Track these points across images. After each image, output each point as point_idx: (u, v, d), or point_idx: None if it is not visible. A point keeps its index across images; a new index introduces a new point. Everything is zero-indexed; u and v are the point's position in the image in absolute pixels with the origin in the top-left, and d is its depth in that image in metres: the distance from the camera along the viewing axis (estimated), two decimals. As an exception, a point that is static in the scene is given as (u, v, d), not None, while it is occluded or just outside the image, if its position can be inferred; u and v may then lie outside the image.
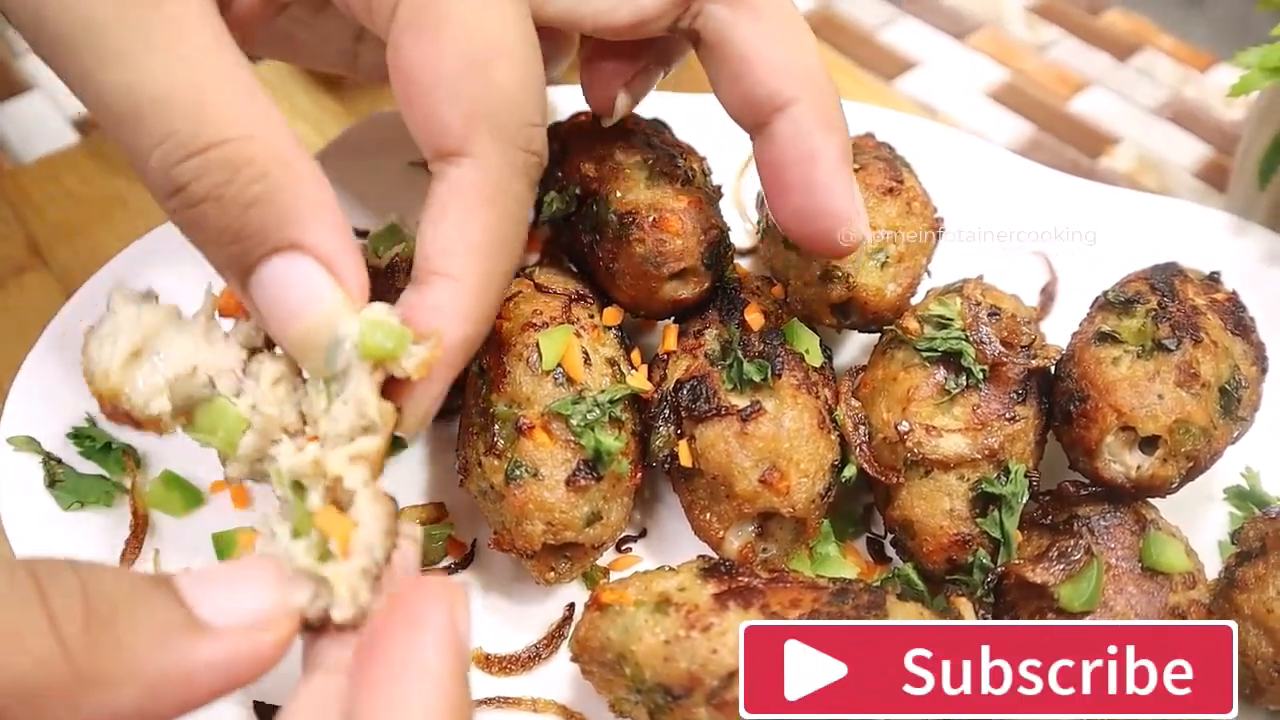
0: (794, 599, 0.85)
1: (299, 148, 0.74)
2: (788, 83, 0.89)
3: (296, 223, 0.72)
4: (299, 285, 0.73)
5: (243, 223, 0.72)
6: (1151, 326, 0.96)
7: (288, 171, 0.72)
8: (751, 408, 0.95)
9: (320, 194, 0.74)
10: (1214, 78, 1.77)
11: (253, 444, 0.78)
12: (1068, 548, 0.90)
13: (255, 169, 0.71)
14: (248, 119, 0.72)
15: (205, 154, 0.70)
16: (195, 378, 0.78)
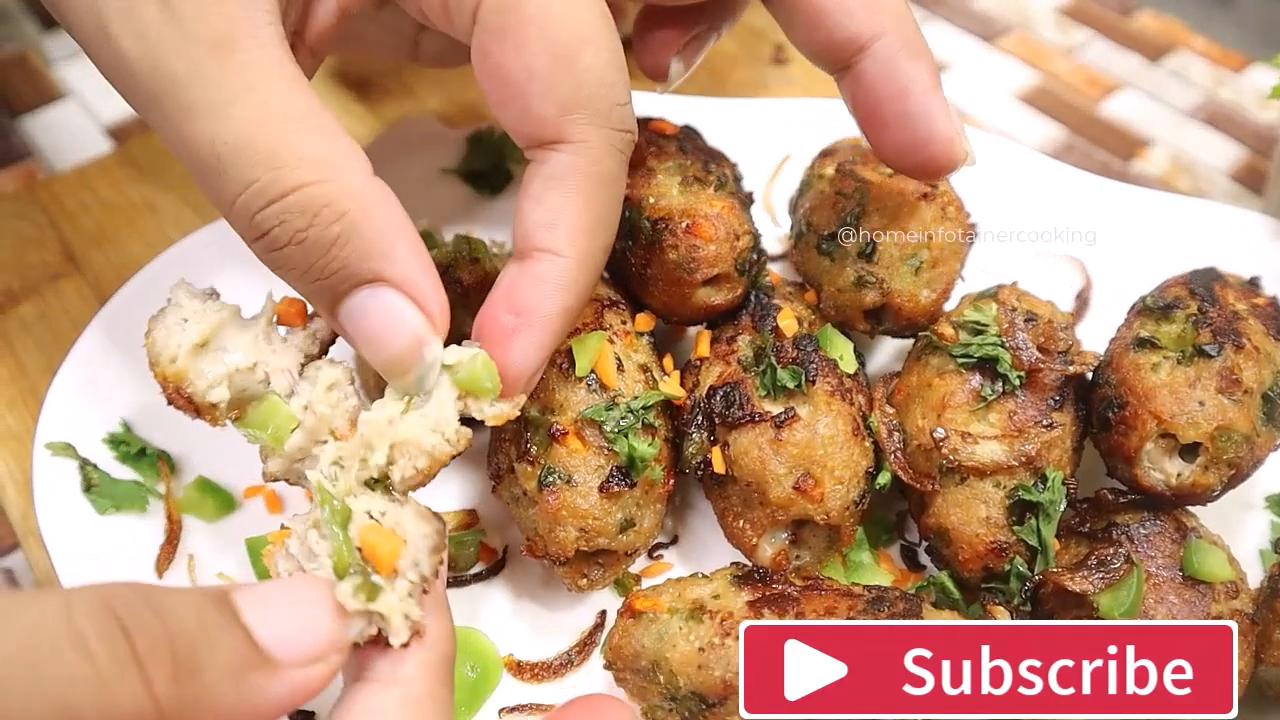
0: (829, 607, 0.85)
1: (374, 182, 0.78)
2: (866, 20, 0.89)
3: (378, 257, 0.76)
4: (384, 315, 0.78)
5: (326, 261, 0.76)
6: (1192, 332, 0.94)
7: (365, 209, 0.76)
8: (785, 414, 0.94)
9: (398, 226, 0.77)
10: (1248, 78, 1.74)
11: (298, 443, 0.82)
12: (1107, 556, 0.89)
13: (333, 210, 0.74)
14: (323, 162, 0.75)
15: (284, 200, 0.74)
16: (254, 374, 0.83)
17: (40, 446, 1.03)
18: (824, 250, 1.04)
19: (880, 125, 0.92)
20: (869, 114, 0.92)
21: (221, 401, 0.82)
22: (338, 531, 0.74)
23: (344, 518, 0.75)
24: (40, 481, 1.02)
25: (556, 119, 0.80)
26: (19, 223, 1.39)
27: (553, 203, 0.82)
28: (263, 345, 0.84)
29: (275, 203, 0.74)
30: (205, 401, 0.82)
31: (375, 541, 0.73)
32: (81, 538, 1.00)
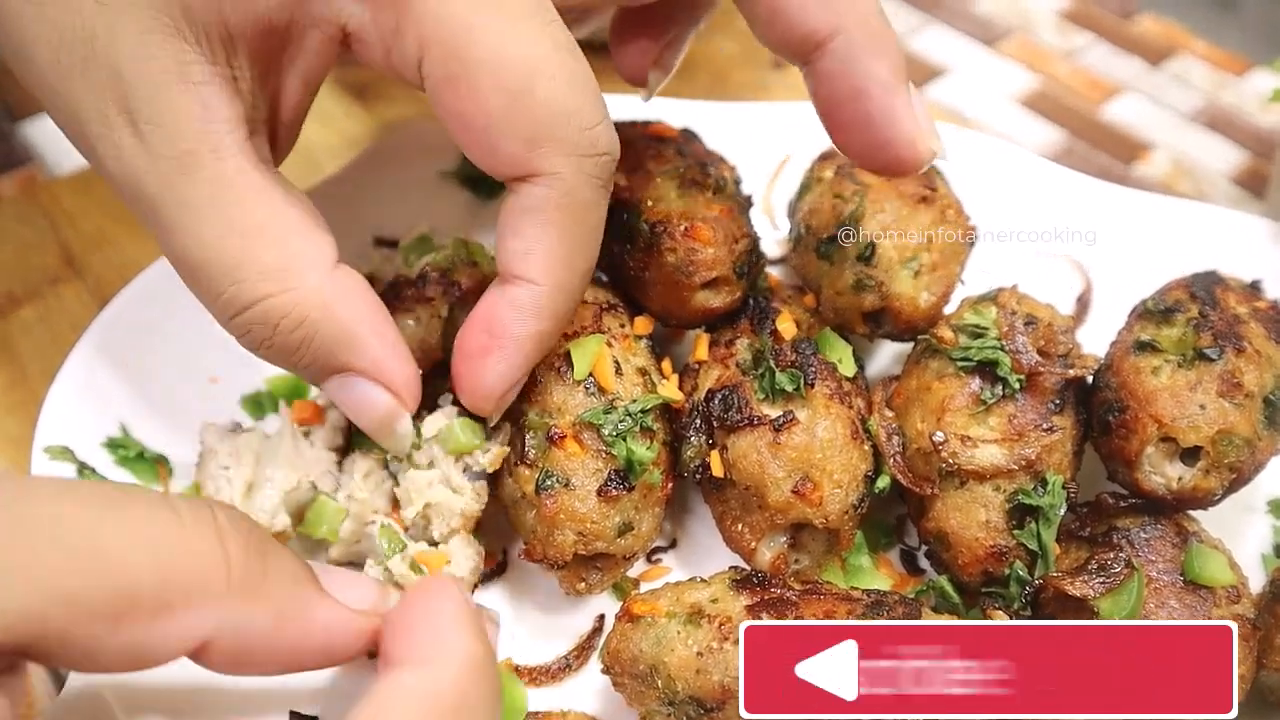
0: (828, 611, 0.84)
1: (336, 276, 0.84)
2: (823, 16, 0.87)
3: (343, 351, 0.85)
4: (356, 399, 0.88)
5: (296, 360, 0.85)
6: (1193, 335, 0.94)
7: (326, 310, 0.83)
8: (784, 418, 0.94)
9: (360, 317, 0.85)
10: (1250, 82, 1.74)
11: (350, 529, 0.95)
12: (1108, 560, 0.88)
13: (292, 320, 0.82)
14: (282, 273, 0.82)
15: (248, 312, 0.81)
16: (300, 488, 0.95)
17: (39, 450, 1.03)
18: (823, 253, 1.03)
19: (841, 125, 0.91)
20: (829, 113, 0.91)
21: (285, 527, 0.94)
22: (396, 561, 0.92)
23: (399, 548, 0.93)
24: (38, 485, 1.01)
25: (524, 155, 0.80)
26: (20, 227, 1.40)
27: (529, 233, 0.84)
28: (296, 457, 0.96)
29: (241, 314, 0.82)
30: (274, 532, 0.93)
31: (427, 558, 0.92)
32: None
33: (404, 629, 0.73)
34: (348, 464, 0.98)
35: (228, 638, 0.68)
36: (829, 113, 0.91)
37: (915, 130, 0.89)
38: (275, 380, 1.14)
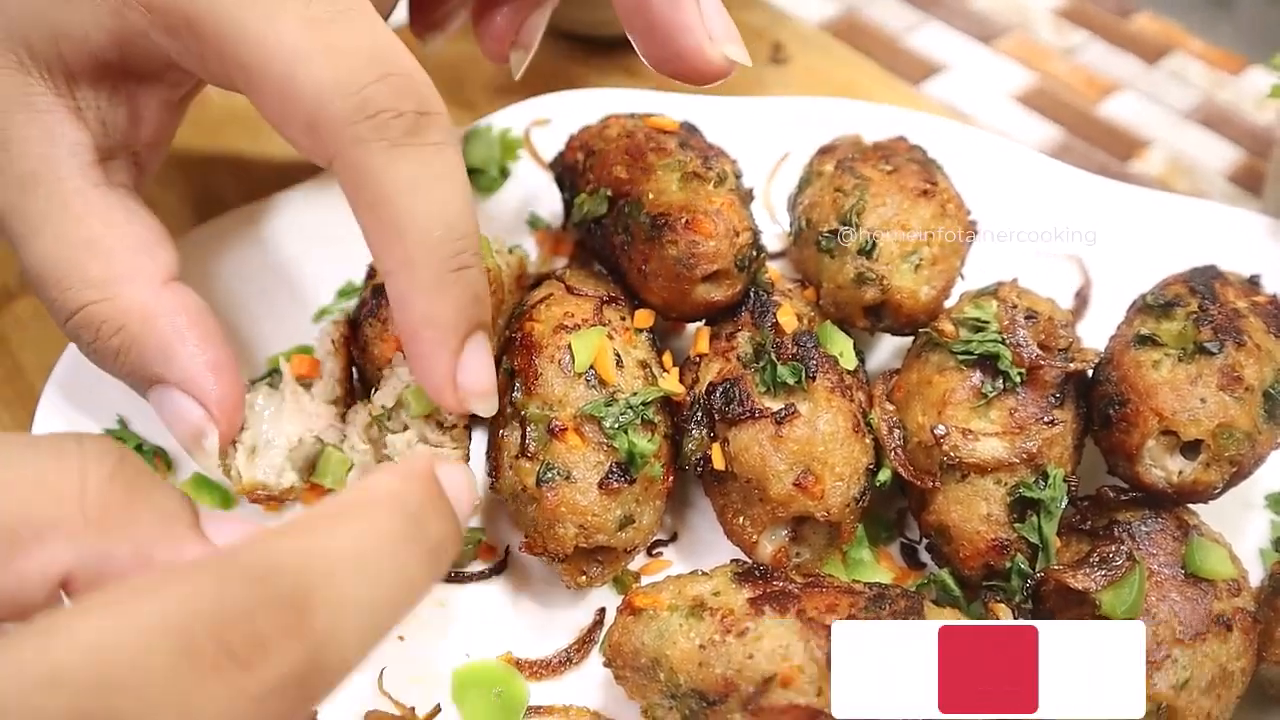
0: (830, 603, 0.84)
1: (165, 291, 0.88)
2: None
3: (159, 362, 0.87)
4: (169, 410, 0.89)
5: (116, 367, 0.89)
6: (1193, 329, 0.94)
7: (145, 320, 0.87)
8: (786, 410, 0.94)
9: (179, 331, 0.87)
10: (1246, 80, 1.74)
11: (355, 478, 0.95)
12: (1109, 553, 0.88)
13: (110, 326, 0.86)
14: (104, 283, 0.86)
15: (74, 318, 0.87)
16: (304, 443, 0.95)
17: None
18: (823, 247, 1.03)
19: (635, 35, 0.93)
20: (625, 23, 0.93)
21: (294, 482, 0.94)
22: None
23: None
24: (35, 478, 1.00)
25: (312, 145, 0.80)
26: (14, 220, 1.39)
27: (358, 222, 0.82)
28: (298, 413, 0.96)
29: (69, 319, 0.87)
30: (283, 490, 0.94)
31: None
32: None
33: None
34: (350, 416, 0.98)
35: (88, 572, 0.63)
36: (625, 22, 0.93)
37: (698, 41, 0.90)
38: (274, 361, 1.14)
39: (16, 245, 0.88)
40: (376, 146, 0.78)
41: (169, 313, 0.88)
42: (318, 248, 1.22)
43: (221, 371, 0.89)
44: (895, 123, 1.28)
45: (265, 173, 1.43)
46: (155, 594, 0.50)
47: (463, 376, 0.84)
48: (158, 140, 0.97)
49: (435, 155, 0.80)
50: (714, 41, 0.91)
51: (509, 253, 1.10)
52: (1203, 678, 0.84)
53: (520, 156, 1.30)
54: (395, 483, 0.62)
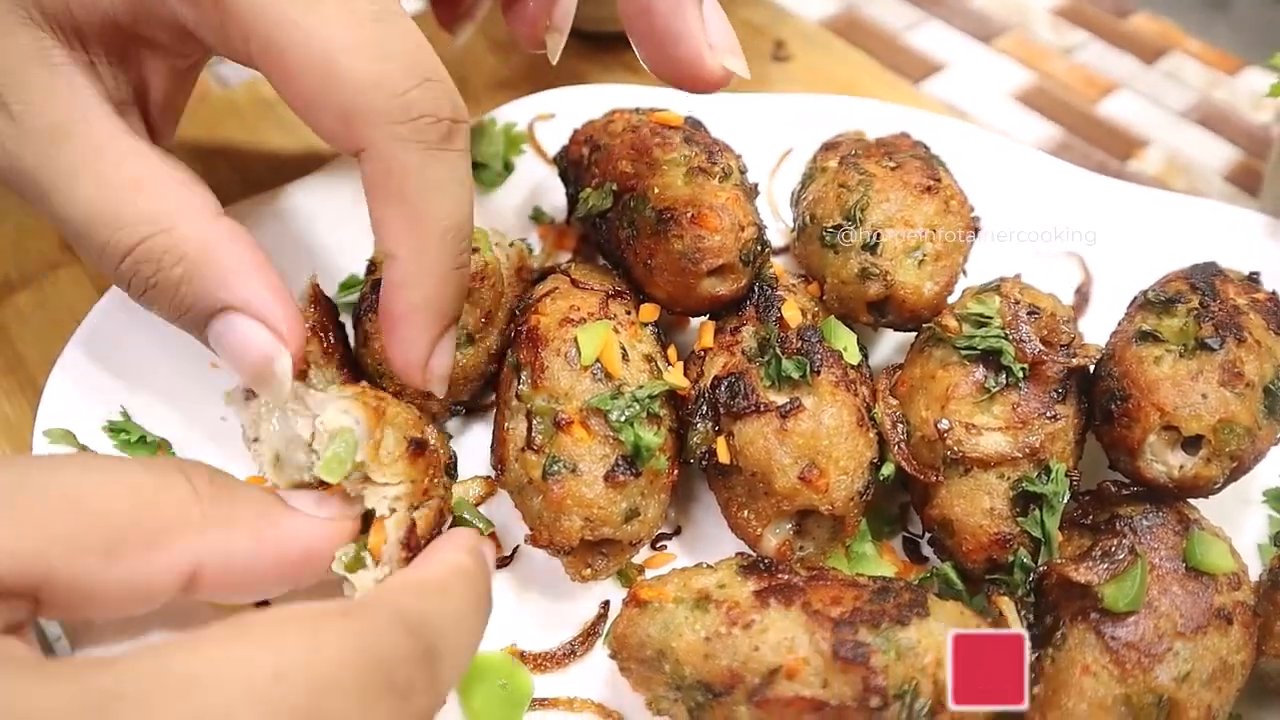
0: (835, 596, 0.85)
1: (218, 223, 0.88)
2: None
3: (222, 288, 0.86)
4: (237, 337, 0.88)
5: (179, 299, 0.87)
6: (1194, 326, 0.95)
7: (205, 249, 0.86)
8: (791, 404, 0.94)
9: (240, 258, 0.87)
10: (1242, 80, 1.75)
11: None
12: (1111, 547, 0.89)
13: (172, 255, 0.86)
14: (160, 215, 0.86)
15: (133, 254, 0.86)
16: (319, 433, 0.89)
17: (40, 433, 1.02)
18: (827, 242, 1.04)
19: (636, 39, 0.94)
20: (628, 26, 0.94)
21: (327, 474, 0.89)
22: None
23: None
24: (39, 469, 1.00)
25: (343, 132, 0.82)
26: (17, 213, 1.38)
27: (373, 207, 0.86)
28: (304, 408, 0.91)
29: (126, 257, 0.86)
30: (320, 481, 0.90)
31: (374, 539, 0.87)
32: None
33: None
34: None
35: (216, 564, 0.76)
36: (627, 26, 0.94)
37: (699, 47, 0.92)
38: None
39: (49, 199, 0.87)
40: (415, 147, 0.82)
41: (225, 243, 0.88)
42: (319, 242, 1.23)
43: (283, 295, 0.89)
44: (897, 120, 1.29)
45: (264, 168, 1.43)
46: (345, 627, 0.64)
47: (434, 360, 0.90)
48: (167, 106, 0.98)
49: (460, 160, 0.86)
50: (714, 51, 0.92)
51: (509, 246, 1.10)
52: (1204, 670, 0.84)
53: (524, 151, 1.31)
54: (469, 561, 0.79)
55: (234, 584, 0.78)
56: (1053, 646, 0.87)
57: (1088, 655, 0.85)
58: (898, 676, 0.80)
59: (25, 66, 0.86)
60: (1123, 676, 0.84)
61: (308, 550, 0.82)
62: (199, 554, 0.75)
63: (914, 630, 0.82)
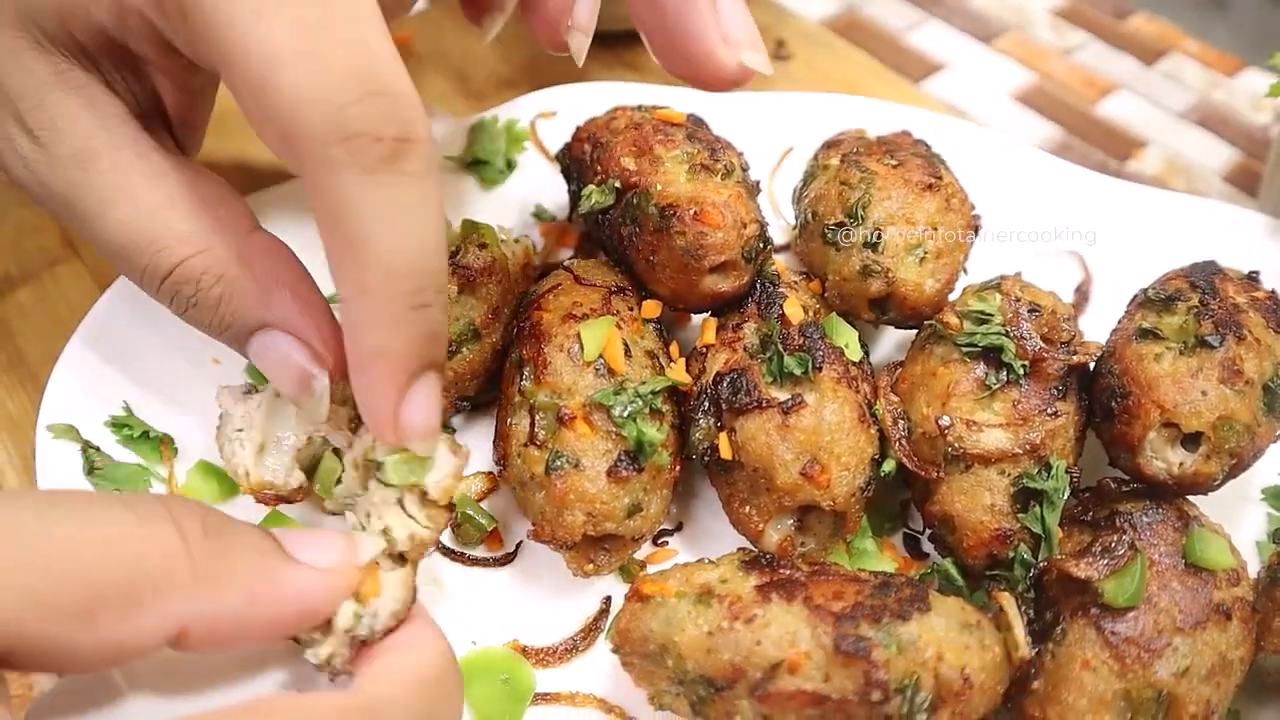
0: (837, 591, 0.85)
1: (254, 238, 0.87)
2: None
3: (259, 306, 0.86)
4: (274, 354, 0.87)
5: (219, 317, 0.87)
6: (1194, 323, 0.95)
7: (241, 268, 0.86)
8: (793, 400, 0.94)
9: (278, 275, 0.86)
10: (1241, 82, 1.76)
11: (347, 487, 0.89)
12: (1111, 543, 0.89)
13: (211, 274, 0.85)
14: (196, 235, 0.86)
15: (172, 276, 0.86)
16: (312, 443, 0.91)
17: (42, 428, 1.02)
18: (829, 240, 1.04)
19: (648, 35, 0.90)
20: (639, 23, 0.90)
21: (301, 483, 0.91)
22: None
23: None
24: (43, 464, 1.01)
25: (285, 152, 0.74)
26: (18, 209, 1.39)
27: (322, 241, 0.76)
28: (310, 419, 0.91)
29: (166, 279, 0.86)
30: (290, 490, 0.91)
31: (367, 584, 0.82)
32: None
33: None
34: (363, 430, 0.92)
35: (203, 622, 0.70)
36: (638, 23, 0.90)
37: (709, 45, 0.87)
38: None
39: (84, 223, 0.86)
40: (350, 171, 0.72)
41: (263, 259, 0.87)
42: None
43: (321, 312, 0.87)
44: (898, 118, 1.29)
45: (268, 167, 1.43)
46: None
47: (406, 414, 0.79)
48: (189, 121, 0.96)
49: (410, 186, 0.74)
50: (729, 45, 0.87)
51: (515, 242, 1.11)
52: (1203, 666, 0.85)
53: (526, 149, 1.31)
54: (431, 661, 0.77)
55: (222, 643, 0.73)
56: (1053, 642, 0.88)
57: (1088, 650, 0.85)
58: (899, 671, 0.80)
59: (44, 91, 0.85)
60: (1122, 671, 0.84)
61: (304, 606, 0.76)
62: (185, 615, 0.69)
63: (915, 625, 0.82)
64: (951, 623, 0.84)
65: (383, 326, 0.76)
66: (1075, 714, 0.84)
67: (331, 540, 0.80)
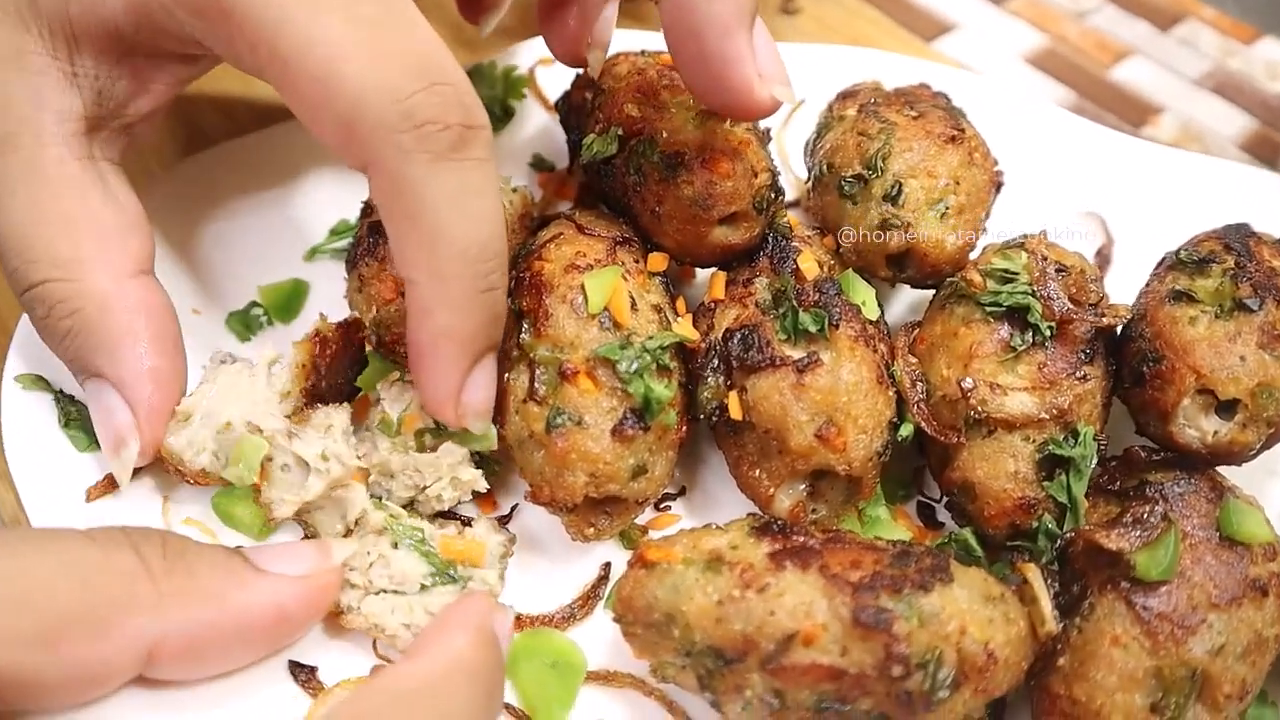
0: (854, 560, 0.80)
1: (129, 285, 0.87)
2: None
3: (103, 355, 0.86)
4: (100, 406, 0.88)
5: (62, 349, 0.88)
6: (1230, 286, 0.91)
7: (102, 310, 0.85)
8: (808, 359, 0.89)
9: (133, 329, 0.86)
10: (1258, 50, 1.71)
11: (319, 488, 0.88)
12: (1143, 514, 0.85)
13: (66, 307, 0.85)
14: (71, 264, 0.85)
15: (31, 291, 0.85)
16: (233, 428, 0.88)
17: (9, 379, 0.96)
18: (846, 193, 0.99)
19: (681, 62, 0.89)
20: (672, 49, 0.89)
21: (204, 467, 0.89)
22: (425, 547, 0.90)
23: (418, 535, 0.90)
24: (9, 417, 0.94)
25: (346, 144, 0.78)
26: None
27: (388, 229, 0.80)
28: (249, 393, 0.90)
29: (26, 291, 0.86)
30: (192, 470, 0.89)
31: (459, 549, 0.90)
32: (56, 477, 0.93)
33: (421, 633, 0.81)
34: (323, 416, 0.92)
35: (175, 640, 0.72)
36: (672, 49, 0.88)
37: (748, 76, 0.86)
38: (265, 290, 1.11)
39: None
40: (420, 158, 0.76)
41: (128, 309, 0.86)
42: (310, 185, 1.18)
43: (162, 383, 0.88)
44: (912, 72, 1.24)
45: (252, 113, 1.37)
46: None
47: (468, 394, 0.84)
48: (153, 112, 0.94)
49: (477, 171, 0.79)
50: (763, 80, 0.87)
51: (513, 191, 1.05)
52: (1238, 644, 0.80)
53: (525, 96, 1.25)
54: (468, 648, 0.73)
55: (199, 658, 0.74)
56: (1080, 617, 0.83)
57: (1117, 626, 0.81)
58: (921, 645, 0.76)
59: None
60: (1154, 649, 0.80)
61: (279, 615, 0.77)
62: (154, 633, 0.71)
63: (937, 597, 0.78)
64: (975, 595, 0.80)
65: (453, 309, 0.80)
66: (1103, 692, 0.79)
67: (301, 550, 0.82)
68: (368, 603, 0.86)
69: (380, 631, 0.86)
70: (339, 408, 0.93)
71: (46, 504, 0.91)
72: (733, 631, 0.78)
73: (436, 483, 0.92)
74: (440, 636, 0.74)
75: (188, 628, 0.72)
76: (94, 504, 0.92)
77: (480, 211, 0.79)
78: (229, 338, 1.07)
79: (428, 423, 0.92)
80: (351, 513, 0.90)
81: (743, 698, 0.79)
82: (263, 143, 1.18)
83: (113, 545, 0.71)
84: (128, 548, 0.71)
